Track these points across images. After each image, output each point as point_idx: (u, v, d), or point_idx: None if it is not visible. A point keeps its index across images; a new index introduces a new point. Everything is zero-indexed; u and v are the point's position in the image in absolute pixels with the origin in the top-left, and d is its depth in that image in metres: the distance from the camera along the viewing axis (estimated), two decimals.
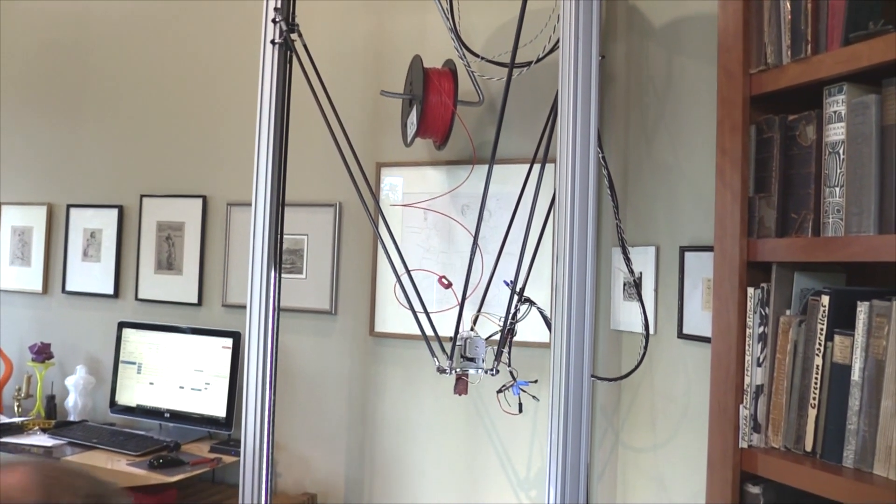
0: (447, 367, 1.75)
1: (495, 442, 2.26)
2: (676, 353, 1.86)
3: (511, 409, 1.83)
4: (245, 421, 1.86)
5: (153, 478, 2.21)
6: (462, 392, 1.77)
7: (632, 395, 2.04)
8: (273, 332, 1.88)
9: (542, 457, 2.21)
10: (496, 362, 1.75)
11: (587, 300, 1.48)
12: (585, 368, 1.48)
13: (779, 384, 1.23)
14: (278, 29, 1.87)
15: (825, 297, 1.17)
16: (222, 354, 2.54)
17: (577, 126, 1.53)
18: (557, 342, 1.51)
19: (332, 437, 2.52)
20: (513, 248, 2.25)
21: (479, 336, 1.77)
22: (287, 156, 1.96)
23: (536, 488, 2.22)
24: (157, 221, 2.81)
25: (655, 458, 1.93)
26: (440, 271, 2.32)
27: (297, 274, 2.54)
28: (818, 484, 1.11)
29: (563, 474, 1.49)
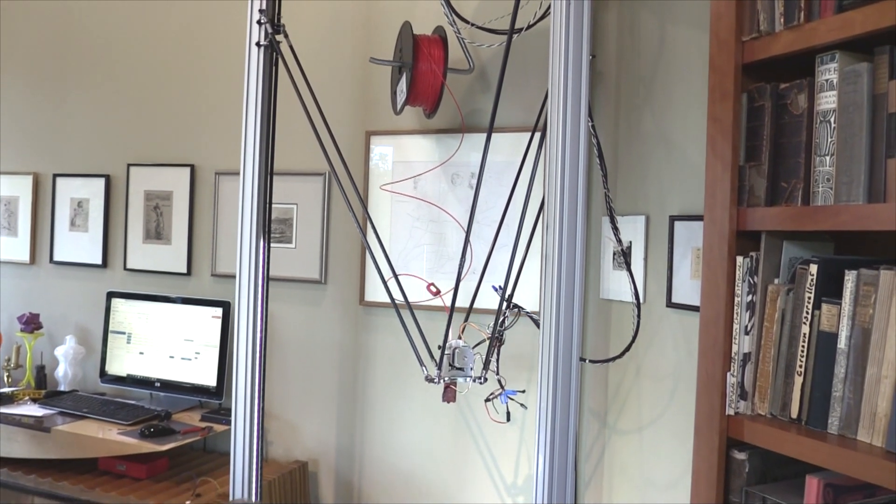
0: (435, 377, 1.76)
1: (484, 418, 2.28)
2: (665, 322, 1.87)
3: (499, 418, 1.85)
4: (235, 390, 1.87)
5: (144, 446, 2.22)
6: (450, 400, 1.80)
7: (620, 364, 2.05)
8: (263, 301, 1.87)
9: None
10: (484, 371, 1.77)
11: (577, 269, 1.48)
12: (575, 336, 1.49)
13: (766, 352, 1.24)
14: (265, 22, 1.85)
15: (813, 265, 1.18)
16: (212, 324, 2.54)
17: (568, 95, 1.52)
18: (547, 311, 1.51)
19: (323, 405, 2.53)
20: (508, 221, 2.25)
21: (468, 345, 1.79)
22: (275, 125, 1.94)
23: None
24: (144, 191, 2.78)
25: (643, 425, 1.95)
26: (430, 241, 2.32)
27: (286, 243, 2.53)
28: (803, 450, 1.13)
29: (552, 441, 1.51)
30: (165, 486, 2.26)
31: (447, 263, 2.29)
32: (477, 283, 1.90)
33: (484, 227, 2.25)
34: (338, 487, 2.52)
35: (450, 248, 2.29)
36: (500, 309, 1.75)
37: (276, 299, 2.52)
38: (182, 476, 2.32)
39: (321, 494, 2.54)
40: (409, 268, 2.35)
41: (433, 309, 2.33)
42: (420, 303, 2.34)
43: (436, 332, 1.99)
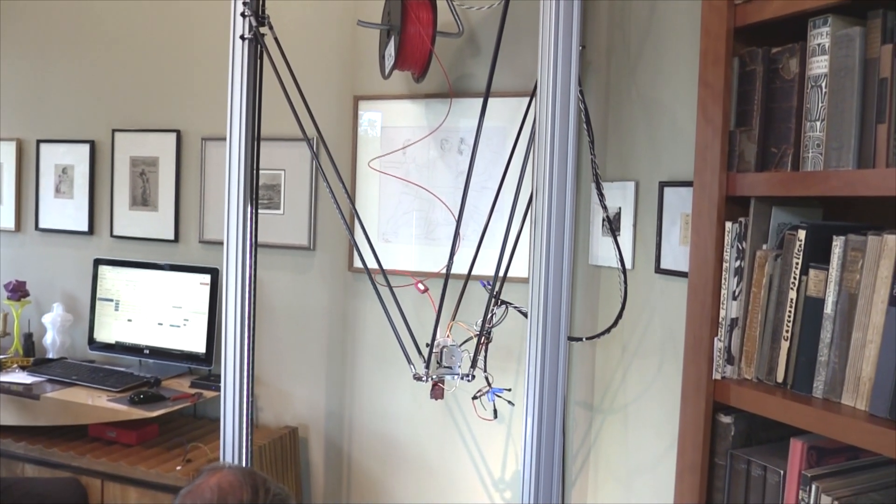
0: (423, 375, 1.77)
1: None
2: (653, 287, 1.88)
3: (487, 415, 1.86)
4: (225, 356, 1.87)
5: (134, 413, 2.23)
6: (438, 397, 1.80)
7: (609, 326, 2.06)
8: (251, 268, 1.87)
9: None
10: (472, 369, 1.78)
11: (566, 234, 1.48)
12: (564, 302, 1.50)
13: (753, 317, 1.25)
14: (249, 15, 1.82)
15: (801, 231, 1.18)
16: (200, 291, 2.54)
17: (558, 59, 1.50)
18: (536, 277, 1.51)
19: (313, 371, 2.54)
20: (496, 184, 2.24)
21: (456, 344, 1.80)
22: (262, 89, 1.92)
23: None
24: (130, 157, 2.75)
25: (630, 388, 1.97)
26: (419, 207, 2.31)
27: (274, 209, 2.51)
28: (788, 413, 1.14)
29: (541, 402, 1.52)
30: (156, 452, 2.27)
31: (436, 229, 2.29)
32: (474, 252, 1.88)
33: (472, 193, 2.24)
34: (328, 452, 2.54)
35: (438, 214, 2.29)
36: (488, 306, 1.76)
37: (264, 266, 2.51)
38: (172, 442, 2.33)
39: (311, 459, 2.56)
40: (397, 234, 2.34)
41: (421, 276, 2.33)
42: (408, 276, 2.33)
43: (425, 309, 2.00)
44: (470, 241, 2.22)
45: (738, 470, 1.25)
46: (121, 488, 2.18)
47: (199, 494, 1.31)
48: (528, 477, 1.55)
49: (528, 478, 1.55)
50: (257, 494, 1.35)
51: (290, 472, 2.46)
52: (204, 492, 1.31)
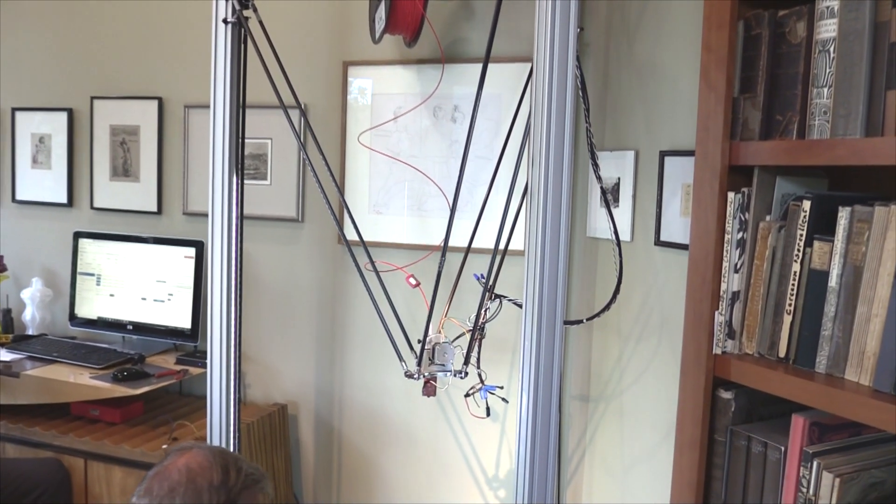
0: (415, 372, 1.77)
1: None
2: (653, 260, 1.88)
3: (480, 413, 1.86)
4: (211, 332, 1.87)
5: (118, 390, 2.23)
6: (430, 394, 1.81)
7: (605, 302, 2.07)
8: (237, 240, 1.86)
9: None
10: (465, 366, 1.78)
11: (563, 204, 1.47)
12: (560, 276, 1.49)
13: (755, 291, 1.25)
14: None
15: (806, 202, 1.18)
16: (185, 264, 2.53)
17: (556, 24, 1.48)
18: (532, 250, 1.51)
19: (302, 347, 2.54)
20: (491, 153, 2.23)
21: (448, 341, 1.79)
22: (247, 55, 1.89)
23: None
24: (110, 125, 2.72)
25: (630, 363, 1.98)
26: (410, 177, 2.29)
27: (260, 180, 2.49)
28: (790, 389, 1.15)
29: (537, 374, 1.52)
30: (141, 430, 2.28)
31: (428, 200, 2.28)
32: (473, 225, 1.87)
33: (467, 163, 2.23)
34: (318, 430, 2.55)
35: (431, 185, 2.27)
36: (482, 301, 1.76)
37: (251, 238, 2.50)
38: (158, 420, 2.34)
39: (301, 437, 2.57)
40: (389, 206, 2.33)
41: (412, 248, 2.32)
42: (399, 242, 2.33)
43: (417, 302, 2.00)
44: (462, 213, 2.21)
45: (738, 446, 1.26)
46: (105, 468, 2.19)
47: (166, 476, 1.30)
48: (523, 466, 1.55)
49: (522, 466, 1.56)
50: (228, 475, 1.34)
51: (280, 451, 2.47)
52: (172, 473, 1.31)
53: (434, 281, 1.76)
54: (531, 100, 1.52)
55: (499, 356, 2.25)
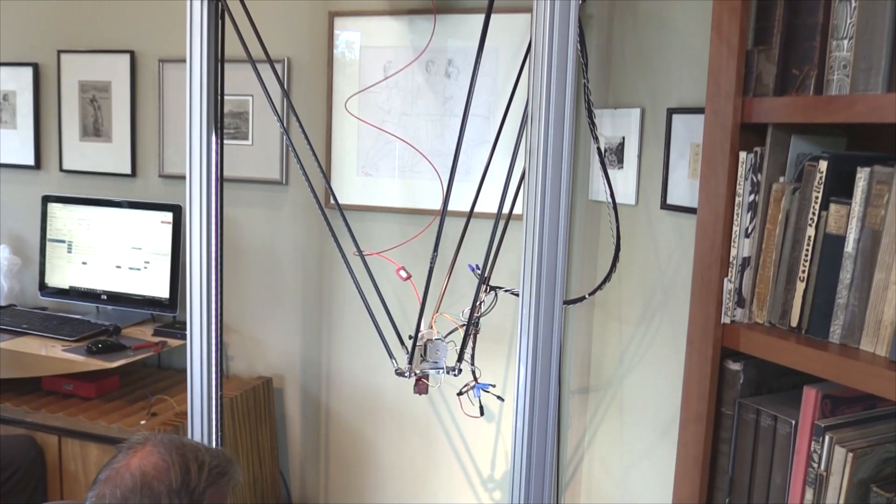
0: (406, 371, 1.77)
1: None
2: (659, 225, 1.88)
3: (473, 412, 1.87)
4: (190, 301, 1.86)
5: (92, 364, 2.23)
6: (422, 392, 1.81)
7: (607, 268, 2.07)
8: (217, 204, 1.85)
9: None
10: (458, 363, 1.78)
11: (564, 165, 1.47)
12: (561, 240, 1.49)
13: (767, 256, 1.25)
14: None
15: (823, 162, 1.17)
16: (162, 230, 2.51)
17: None
18: (531, 214, 1.50)
19: (287, 317, 2.54)
20: (486, 111, 2.21)
21: (441, 337, 1.79)
22: (225, 4, 1.86)
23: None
24: (79, 81, 2.69)
25: (631, 346, 1.99)
26: (402, 135, 2.28)
27: (241, 140, 2.48)
28: (802, 359, 1.15)
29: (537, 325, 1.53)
30: (117, 405, 2.28)
31: (421, 162, 2.26)
32: (477, 187, 1.85)
33: (456, 120, 2.21)
34: (304, 404, 2.57)
35: (423, 145, 2.26)
36: (476, 294, 1.75)
37: (232, 202, 2.49)
38: (135, 395, 2.34)
39: (287, 412, 2.59)
40: (378, 168, 2.32)
41: (403, 212, 2.31)
42: (391, 207, 2.32)
43: (407, 293, 1.99)
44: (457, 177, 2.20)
45: (747, 420, 1.27)
46: (80, 445, 2.20)
47: (119, 481, 1.24)
48: (519, 460, 1.56)
49: (518, 461, 1.56)
50: (188, 474, 1.28)
51: (265, 426, 2.48)
52: (124, 478, 1.25)
53: (426, 274, 1.75)
54: (531, 54, 1.50)
55: (494, 347, 2.26)
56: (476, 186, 1.80)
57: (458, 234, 1.85)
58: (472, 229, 1.84)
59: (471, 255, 1.94)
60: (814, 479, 1.13)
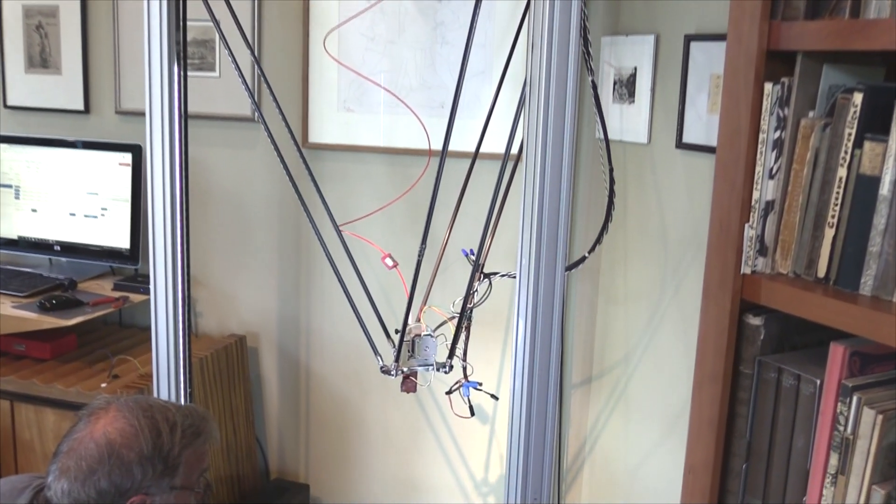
0: (392, 369, 1.78)
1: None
2: (674, 166, 1.87)
3: (463, 413, 1.88)
4: (153, 252, 1.86)
5: (46, 321, 2.23)
6: (410, 391, 1.82)
7: (619, 214, 2.07)
8: (181, 143, 1.83)
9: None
10: (449, 360, 1.78)
11: (568, 100, 1.45)
12: (565, 175, 1.49)
13: (793, 200, 1.25)
14: None
15: (858, 94, 1.16)
16: (120, 173, 2.50)
17: None
18: (531, 151, 1.49)
19: (262, 269, 2.54)
20: (481, 39, 2.19)
21: (430, 332, 1.80)
22: None
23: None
24: (22, 5, 2.65)
25: (644, 283, 2.00)
26: (387, 67, 2.25)
27: (207, 71, 2.45)
28: (829, 313, 1.16)
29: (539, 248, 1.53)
30: (75, 367, 2.29)
31: (409, 95, 2.24)
32: (480, 133, 1.84)
33: (447, 49, 2.19)
34: (282, 364, 2.58)
35: (411, 78, 2.24)
36: (470, 283, 1.75)
37: (197, 141, 2.46)
38: (95, 355, 2.35)
39: (263, 373, 2.61)
40: (361, 102, 2.30)
41: (390, 153, 2.30)
42: (376, 146, 2.31)
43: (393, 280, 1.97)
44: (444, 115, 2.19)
45: (767, 379, 1.28)
46: (35, 410, 2.21)
47: (83, 452, 1.23)
48: (516, 456, 1.57)
49: (515, 455, 1.57)
50: (160, 437, 1.28)
51: (238, 388, 2.50)
52: (89, 448, 1.24)
53: (416, 262, 1.75)
54: None
55: (491, 335, 2.27)
56: (471, 123, 1.79)
57: (450, 215, 1.85)
58: (466, 204, 1.84)
59: (463, 238, 1.95)
60: (839, 444, 1.15)
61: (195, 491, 1.40)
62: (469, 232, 1.96)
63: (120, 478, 1.25)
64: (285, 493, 2.55)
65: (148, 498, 1.31)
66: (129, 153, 2.49)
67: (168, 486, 1.32)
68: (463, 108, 2.18)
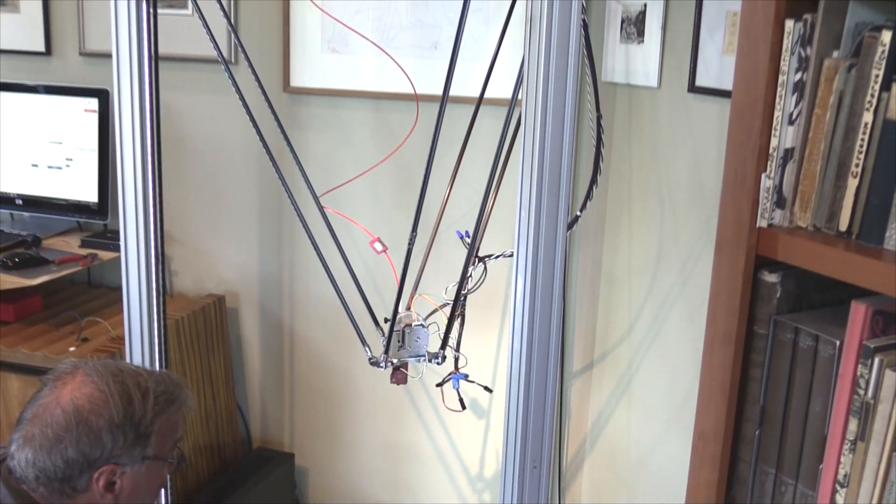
0: (381, 361, 1.79)
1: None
2: (686, 111, 1.87)
3: (455, 406, 1.88)
4: (123, 206, 1.85)
5: (8, 281, 2.23)
6: (400, 382, 1.84)
7: (624, 164, 2.07)
8: (151, 87, 1.82)
9: None
10: (441, 350, 1.79)
11: (572, 38, 1.44)
12: (568, 120, 1.48)
13: (814, 147, 1.25)
14: None
15: (887, 33, 1.15)
16: (86, 120, 2.48)
17: None
18: (531, 95, 1.48)
19: (241, 224, 2.54)
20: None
21: (421, 322, 1.81)
22: None
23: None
24: None
25: (652, 239, 2.00)
26: (375, 5, 2.23)
27: (179, 9, 2.42)
28: (851, 269, 1.16)
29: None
30: (41, 329, 2.30)
31: (399, 35, 2.22)
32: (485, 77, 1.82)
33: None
34: (264, 326, 2.59)
35: (402, 16, 2.21)
36: (465, 268, 1.75)
37: (169, 86, 2.43)
38: (62, 317, 2.35)
39: (244, 335, 2.62)
40: (347, 43, 2.28)
41: (381, 98, 2.28)
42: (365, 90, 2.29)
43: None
44: (435, 58, 2.17)
45: (783, 340, 1.28)
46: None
47: (48, 419, 1.24)
48: (512, 449, 1.58)
49: (511, 448, 1.58)
50: (131, 404, 1.28)
51: (217, 352, 2.51)
52: (55, 414, 1.24)
53: (406, 252, 1.76)
54: None
55: (486, 317, 2.27)
56: (464, 66, 1.77)
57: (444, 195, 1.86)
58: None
59: (456, 217, 1.94)
60: (859, 408, 1.16)
61: (168, 462, 1.41)
62: (467, 191, 1.95)
63: (88, 446, 1.26)
64: (268, 462, 2.57)
65: (118, 468, 1.31)
66: (96, 98, 2.47)
67: (140, 455, 1.33)
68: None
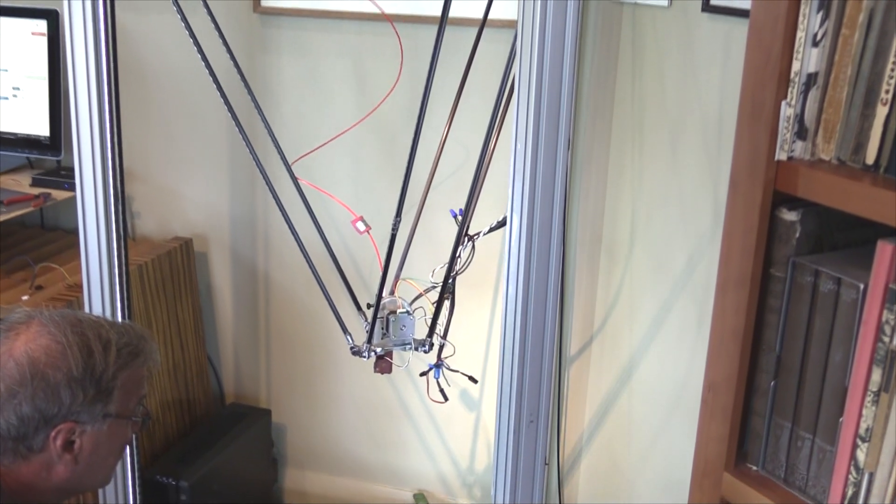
0: (364, 350, 1.81)
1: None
2: (700, 33, 1.86)
3: (437, 398, 1.90)
4: (78, 141, 1.84)
5: None
6: (384, 371, 1.86)
7: (628, 100, 2.06)
8: (106, 7, 1.79)
9: None
10: (429, 337, 1.81)
11: None
12: (569, 47, 1.47)
13: (839, 72, 1.24)
14: None
15: None
16: (34, 44, 2.45)
17: None
18: (527, 20, 1.47)
19: (209, 160, 2.52)
20: None
21: (407, 308, 1.83)
22: None
23: None
24: None
25: (658, 171, 2.00)
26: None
27: None
28: (879, 206, 1.16)
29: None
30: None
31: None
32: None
33: None
34: (236, 272, 2.59)
35: None
36: (455, 249, 1.76)
37: (127, 6, 2.41)
38: (13, 263, 2.35)
39: (214, 281, 2.62)
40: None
41: (363, 19, 2.26)
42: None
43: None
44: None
45: (802, 283, 1.29)
46: None
47: (1, 373, 1.24)
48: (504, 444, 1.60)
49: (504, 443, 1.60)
50: (91, 357, 1.29)
51: (185, 300, 2.51)
52: (7, 367, 1.25)
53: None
54: None
55: (479, 293, 2.29)
56: None
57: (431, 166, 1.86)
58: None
59: (446, 196, 1.94)
60: (883, 357, 1.17)
61: (132, 420, 1.42)
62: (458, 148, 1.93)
63: (45, 402, 1.26)
64: (243, 418, 2.59)
65: (77, 426, 1.32)
66: (45, 20, 2.43)
67: (101, 413, 1.34)
68: None
